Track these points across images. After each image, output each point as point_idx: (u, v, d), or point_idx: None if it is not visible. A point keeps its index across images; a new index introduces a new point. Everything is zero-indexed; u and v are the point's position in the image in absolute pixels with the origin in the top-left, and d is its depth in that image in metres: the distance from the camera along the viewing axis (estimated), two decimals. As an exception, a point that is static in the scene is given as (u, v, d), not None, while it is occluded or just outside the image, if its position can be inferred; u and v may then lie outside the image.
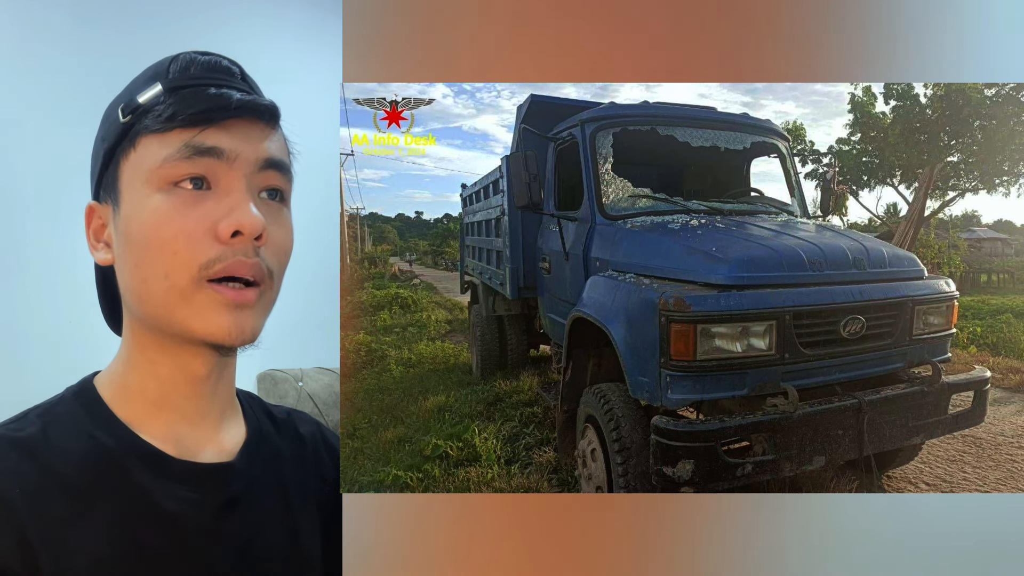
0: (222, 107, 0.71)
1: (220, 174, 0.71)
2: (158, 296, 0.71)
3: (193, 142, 0.70)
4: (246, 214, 0.70)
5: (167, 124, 0.70)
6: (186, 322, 0.71)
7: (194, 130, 0.70)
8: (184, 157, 0.70)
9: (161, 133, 0.71)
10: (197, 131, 0.70)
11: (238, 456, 0.82)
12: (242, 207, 0.71)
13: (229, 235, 0.70)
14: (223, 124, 0.72)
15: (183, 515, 0.73)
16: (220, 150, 0.71)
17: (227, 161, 0.71)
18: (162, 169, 0.70)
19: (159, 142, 0.71)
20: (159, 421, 0.77)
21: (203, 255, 0.70)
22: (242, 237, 0.70)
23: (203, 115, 0.70)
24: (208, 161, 0.71)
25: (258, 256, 0.72)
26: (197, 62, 0.76)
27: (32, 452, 0.69)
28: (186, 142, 0.70)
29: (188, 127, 0.70)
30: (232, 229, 0.70)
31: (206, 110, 0.71)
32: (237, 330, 0.72)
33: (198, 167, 0.70)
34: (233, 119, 0.72)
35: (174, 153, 0.70)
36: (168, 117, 0.70)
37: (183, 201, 0.70)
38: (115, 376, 0.79)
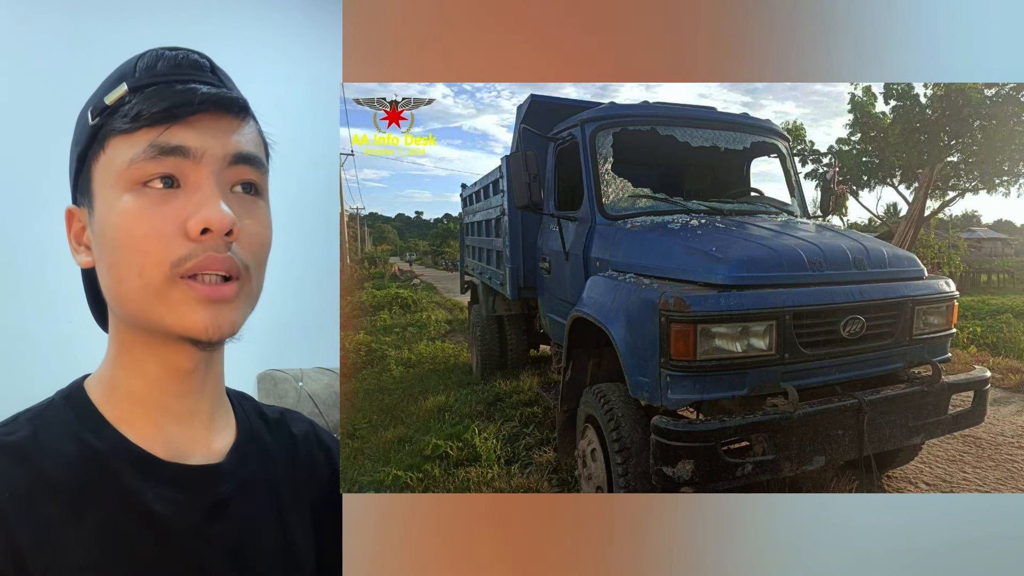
0: (186, 103, 0.70)
1: (188, 172, 0.71)
2: (135, 295, 0.71)
3: (158, 141, 0.69)
4: (215, 211, 0.69)
5: (132, 124, 0.70)
6: (163, 319, 0.71)
7: (159, 128, 0.69)
8: (150, 157, 0.69)
9: (128, 134, 0.70)
10: (162, 129, 0.69)
11: (227, 457, 0.82)
12: (211, 204, 0.70)
13: (198, 232, 0.69)
14: (189, 120, 0.70)
15: (172, 517, 0.73)
16: (186, 148, 0.70)
17: (194, 159, 0.70)
18: (129, 170, 0.70)
19: (126, 143, 0.70)
20: (148, 421, 0.77)
21: (174, 253, 0.69)
22: (212, 234, 0.70)
23: (167, 113, 0.69)
24: (175, 160, 0.70)
25: (230, 251, 0.72)
26: (164, 58, 0.75)
27: (22, 456, 0.69)
28: (151, 142, 0.69)
29: (153, 126, 0.69)
30: (201, 226, 0.69)
31: (169, 107, 0.69)
32: (214, 325, 0.71)
33: (165, 167, 0.70)
34: (199, 114, 0.71)
35: (140, 153, 0.69)
36: (133, 117, 0.70)
37: (152, 200, 0.70)
38: (104, 378, 0.79)
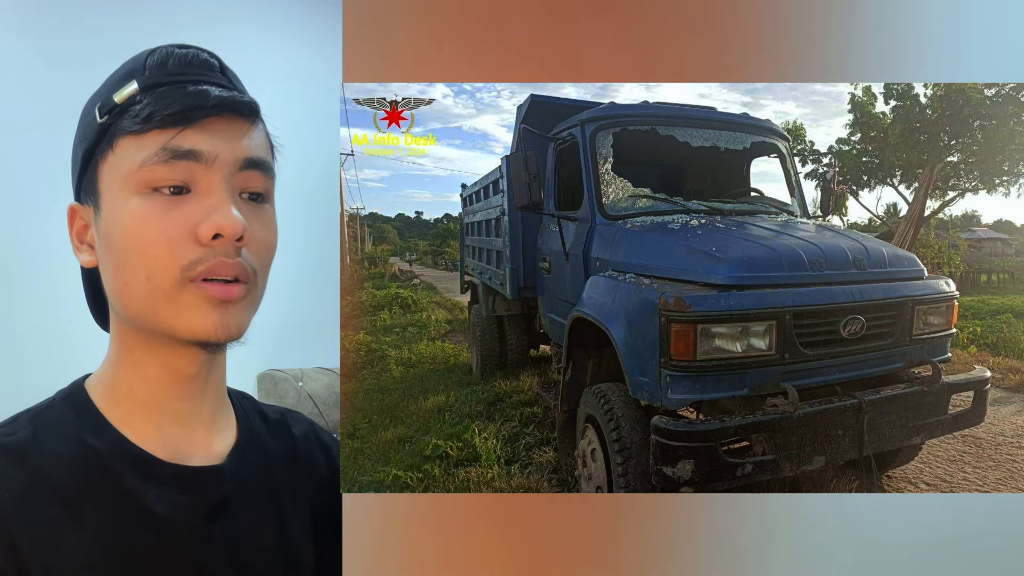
0: (199, 106, 0.69)
1: (199, 176, 0.70)
2: (141, 298, 0.70)
3: (171, 145, 0.68)
4: (226, 216, 0.69)
5: (144, 125, 0.68)
6: (170, 321, 0.70)
7: (171, 131, 0.68)
8: (162, 160, 0.68)
9: (138, 135, 0.69)
10: (175, 132, 0.68)
11: (228, 458, 0.82)
12: (222, 209, 0.69)
13: (210, 238, 0.69)
14: (201, 124, 0.70)
15: (173, 518, 0.73)
16: (199, 152, 0.69)
17: (206, 163, 0.70)
18: (140, 173, 0.68)
19: (136, 144, 0.69)
20: (149, 423, 0.76)
21: (184, 258, 0.68)
22: (223, 239, 0.69)
23: (180, 115, 0.68)
24: (187, 164, 0.69)
25: (240, 256, 0.71)
26: (174, 56, 0.73)
27: (22, 457, 0.68)
28: (163, 145, 0.68)
29: (165, 128, 0.68)
30: (212, 232, 0.68)
31: (183, 110, 0.69)
32: (223, 326, 0.71)
33: (176, 171, 0.69)
34: (211, 117, 0.70)
35: (151, 156, 0.68)
36: (145, 118, 0.68)
37: (162, 204, 0.69)
38: (104, 378, 0.78)
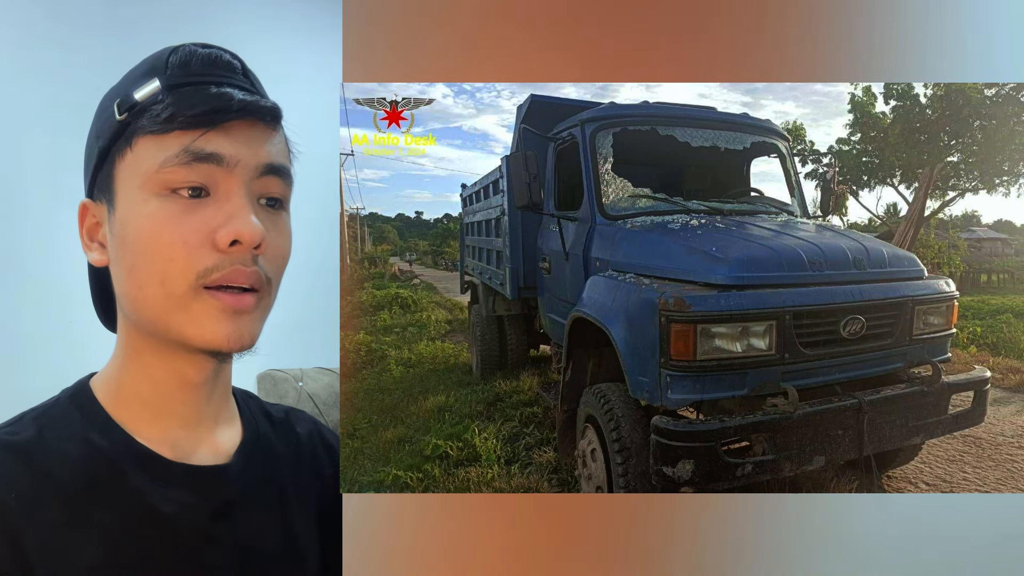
0: (223, 109, 0.68)
1: (219, 180, 0.69)
2: (154, 302, 0.69)
3: (192, 147, 0.67)
4: (245, 223, 0.68)
5: (165, 126, 0.67)
6: (182, 329, 0.69)
7: (194, 133, 0.67)
8: (183, 163, 0.67)
9: (159, 135, 0.67)
10: (197, 135, 0.67)
11: (234, 458, 0.82)
12: (241, 215, 0.68)
13: (227, 244, 0.67)
14: (223, 127, 0.68)
15: (179, 518, 0.72)
16: (220, 156, 0.68)
17: (227, 167, 0.68)
18: (160, 174, 0.67)
19: (156, 144, 0.67)
20: (154, 424, 0.76)
21: (200, 263, 0.67)
22: (241, 246, 0.68)
23: (203, 117, 0.67)
24: (207, 168, 0.68)
25: (256, 264, 0.70)
26: (197, 56, 0.72)
27: (27, 456, 0.68)
28: (185, 147, 0.67)
29: (188, 130, 0.67)
30: (231, 238, 0.67)
31: (206, 112, 0.67)
32: (236, 336, 0.70)
33: (197, 174, 0.67)
34: (234, 121, 0.69)
35: (172, 158, 0.67)
36: (167, 118, 0.67)
37: (181, 207, 0.68)
38: (110, 378, 0.78)
